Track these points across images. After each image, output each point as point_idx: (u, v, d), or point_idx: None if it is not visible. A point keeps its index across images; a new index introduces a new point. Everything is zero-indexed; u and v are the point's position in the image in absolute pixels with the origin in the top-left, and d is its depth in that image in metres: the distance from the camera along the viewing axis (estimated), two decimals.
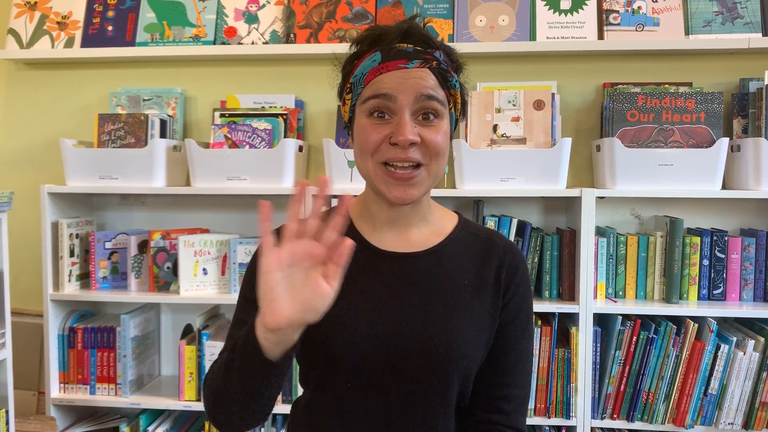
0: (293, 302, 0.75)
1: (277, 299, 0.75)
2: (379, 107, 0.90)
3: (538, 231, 1.89)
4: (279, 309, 0.75)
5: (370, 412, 0.95)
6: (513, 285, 1.01)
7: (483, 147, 1.87)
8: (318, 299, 0.75)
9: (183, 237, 1.93)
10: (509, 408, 0.99)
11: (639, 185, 1.80)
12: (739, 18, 1.93)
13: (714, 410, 1.77)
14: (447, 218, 1.05)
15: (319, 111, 2.14)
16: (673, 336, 1.75)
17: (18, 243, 2.13)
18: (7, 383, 1.70)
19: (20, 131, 2.24)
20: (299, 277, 0.75)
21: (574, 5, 1.98)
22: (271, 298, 0.75)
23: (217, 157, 1.91)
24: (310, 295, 0.75)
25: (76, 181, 1.97)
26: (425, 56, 0.91)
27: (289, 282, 0.75)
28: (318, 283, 0.75)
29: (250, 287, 0.98)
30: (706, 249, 1.83)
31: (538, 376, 1.80)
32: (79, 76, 2.21)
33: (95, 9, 2.14)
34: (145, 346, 2.07)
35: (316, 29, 2.04)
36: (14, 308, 1.90)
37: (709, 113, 1.80)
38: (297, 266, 0.75)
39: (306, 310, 0.75)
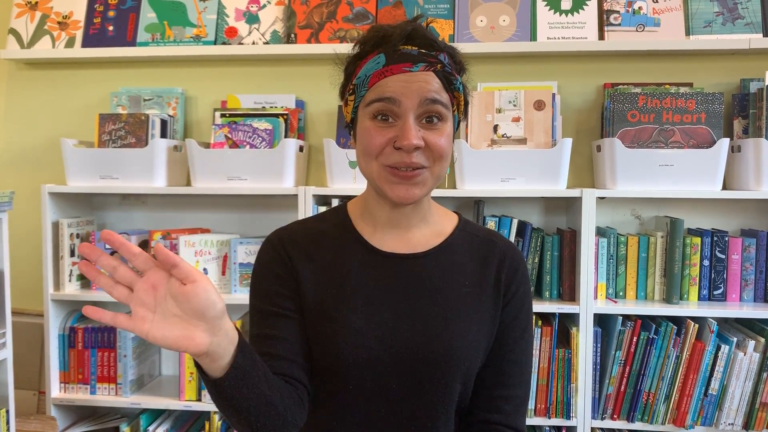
0: (190, 322, 0.73)
1: (179, 336, 0.73)
2: (383, 110, 0.90)
3: (539, 231, 1.89)
4: (189, 339, 0.73)
5: (370, 414, 0.95)
6: (513, 285, 1.01)
7: (483, 147, 1.87)
8: (199, 300, 0.72)
9: (183, 237, 1.93)
10: (509, 408, 0.99)
11: (639, 186, 1.80)
12: (739, 18, 1.93)
13: (714, 411, 1.77)
14: (447, 219, 1.05)
15: (319, 111, 2.14)
16: (673, 336, 1.75)
17: (18, 243, 2.13)
18: (7, 383, 1.70)
19: (21, 131, 2.24)
20: (169, 304, 0.73)
21: (575, 5, 1.98)
22: (174, 341, 0.72)
23: (217, 157, 1.91)
24: (191, 305, 0.72)
25: (77, 181, 1.97)
26: (430, 59, 0.90)
27: (169, 316, 0.73)
28: (183, 292, 0.72)
29: (261, 299, 0.98)
30: (706, 249, 1.83)
31: (538, 376, 1.80)
32: (79, 76, 2.21)
33: (96, 9, 2.14)
34: (146, 345, 2.07)
35: (316, 29, 2.04)
36: (15, 308, 1.90)
37: (709, 114, 1.80)
38: (158, 303, 0.73)
39: (203, 314, 0.73)
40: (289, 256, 0.99)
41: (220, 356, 0.77)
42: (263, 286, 0.99)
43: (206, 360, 0.76)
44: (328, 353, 0.94)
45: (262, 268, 1.01)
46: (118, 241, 0.70)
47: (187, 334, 0.73)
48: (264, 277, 0.99)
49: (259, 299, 0.99)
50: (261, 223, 2.12)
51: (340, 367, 0.94)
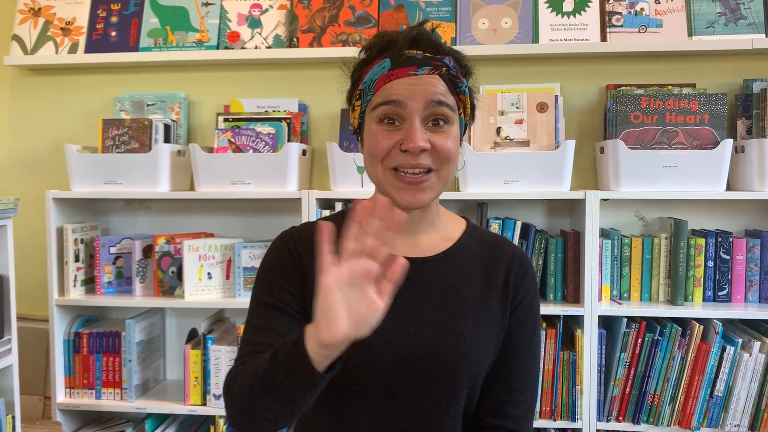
0: (349, 319, 0.74)
1: (336, 317, 0.74)
2: (389, 114, 0.90)
3: (543, 233, 1.89)
4: (337, 326, 0.74)
5: (378, 417, 0.95)
6: (521, 291, 1.01)
7: (486, 150, 1.87)
8: (371, 316, 0.75)
9: (187, 241, 1.93)
10: (516, 413, 0.99)
11: (643, 187, 1.80)
12: (742, 19, 1.93)
13: (720, 412, 1.76)
14: (455, 224, 1.05)
15: (322, 115, 2.14)
16: (678, 338, 1.75)
17: (23, 248, 2.14)
18: (13, 388, 1.71)
19: (25, 137, 2.25)
20: (355, 295, 0.75)
21: (577, 7, 1.98)
22: (331, 316, 0.74)
23: (221, 162, 1.92)
24: (365, 313, 0.74)
25: (81, 187, 1.97)
26: (435, 63, 0.91)
27: (346, 300, 0.75)
28: (373, 300, 0.74)
29: (264, 291, 0.98)
30: (710, 250, 1.83)
31: (543, 378, 1.80)
32: (83, 81, 2.22)
33: (99, 15, 2.15)
34: (150, 350, 2.07)
35: (319, 33, 2.05)
36: (20, 313, 1.90)
37: (712, 114, 1.80)
38: (354, 285, 0.75)
39: (360, 327, 0.75)
40: (298, 254, 0.99)
41: (330, 357, 0.79)
42: (268, 278, 0.99)
43: (322, 351, 0.77)
44: None
45: (270, 261, 1.01)
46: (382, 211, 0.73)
47: (340, 322, 0.74)
48: (271, 270, 1.00)
49: (262, 290, 0.99)
50: (265, 227, 2.13)
51: (347, 370, 0.94)
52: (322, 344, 0.76)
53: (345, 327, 0.74)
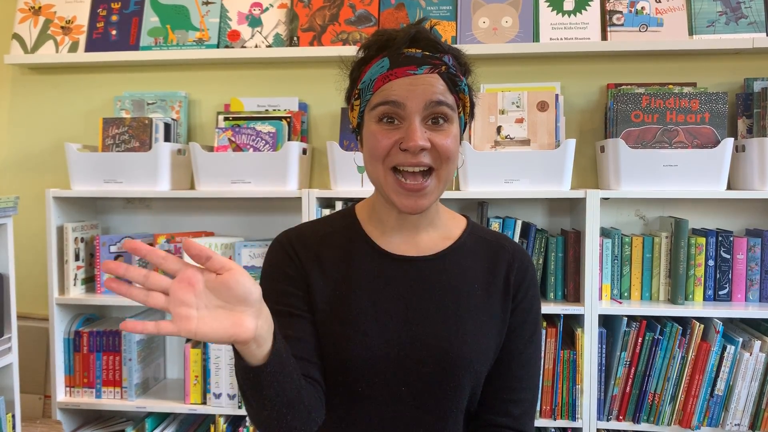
0: (234, 310, 0.74)
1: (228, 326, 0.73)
2: (389, 113, 0.90)
3: (543, 232, 1.89)
4: (238, 326, 0.73)
5: (379, 415, 0.95)
6: (522, 289, 1.01)
7: (487, 149, 1.87)
8: (238, 287, 0.73)
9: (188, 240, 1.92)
10: (517, 411, 0.99)
11: (643, 186, 1.80)
12: (743, 18, 1.93)
13: (720, 411, 1.76)
14: (455, 222, 1.05)
15: (322, 114, 2.14)
16: (678, 337, 1.75)
17: (23, 247, 2.14)
18: (13, 387, 1.70)
19: (25, 136, 2.25)
20: (210, 298, 0.73)
21: (578, 6, 1.98)
22: (224, 332, 0.73)
23: (221, 161, 1.92)
24: (231, 293, 0.73)
25: (81, 185, 1.97)
26: (434, 61, 0.90)
27: (212, 309, 0.73)
28: (221, 281, 0.72)
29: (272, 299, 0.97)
30: (711, 249, 1.83)
31: (543, 377, 1.80)
32: (83, 80, 2.22)
33: (99, 13, 2.15)
34: (151, 349, 2.07)
35: (319, 32, 2.04)
36: (20, 312, 1.90)
37: (713, 113, 1.80)
38: (199, 298, 0.73)
39: (245, 300, 0.73)
40: (298, 257, 0.99)
41: (264, 340, 0.78)
42: (274, 287, 0.99)
43: (252, 346, 0.77)
44: (337, 355, 0.94)
45: (272, 268, 1.01)
46: (144, 249, 0.71)
47: (235, 321, 0.73)
48: (274, 277, 1.00)
49: (271, 300, 0.98)
50: (265, 226, 2.13)
51: (349, 369, 0.94)
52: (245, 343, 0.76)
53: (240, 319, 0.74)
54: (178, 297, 0.72)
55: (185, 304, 0.72)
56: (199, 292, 0.72)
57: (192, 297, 0.72)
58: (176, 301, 0.72)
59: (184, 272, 0.72)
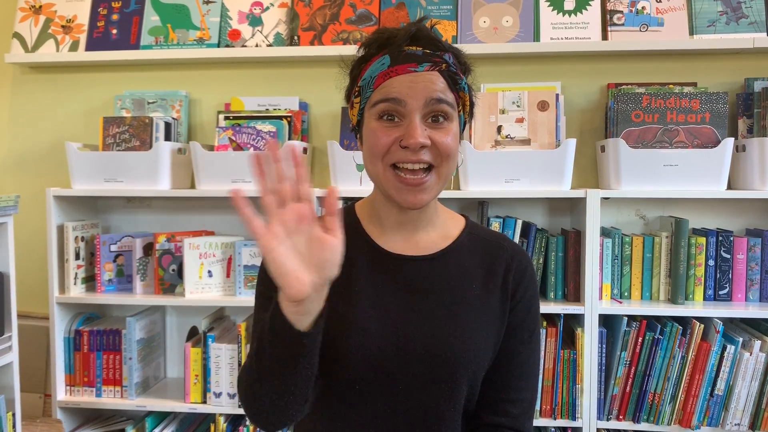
0: (308, 266, 0.75)
1: (292, 270, 0.74)
2: (389, 111, 0.90)
3: (543, 232, 1.89)
4: (297, 278, 0.74)
5: (376, 414, 0.95)
6: (521, 289, 1.01)
7: (487, 148, 1.87)
8: (329, 253, 0.75)
9: (188, 239, 1.93)
10: (516, 411, 0.99)
11: (644, 186, 1.80)
12: (743, 18, 1.93)
13: (720, 411, 1.76)
14: (454, 222, 1.05)
15: (323, 113, 2.14)
16: (678, 337, 1.75)
17: (24, 246, 2.14)
18: (13, 386, 1.71)
19: (25, 135, 2.25)
20: (301, 241, 0.75)
21: (578, 6, 1.98)
22: (285, 272, 0.74)
23: (221, 160, 1.92)
24: (320, 253, 0.75)
25: (82, 184, 1.97)
26: (434, 59, 0.90)
27: (295, 250, 0.75)
28: (323, 238, 0.75)
29: (267, 286, 0.98)
30: (711, 249, 1.83)
31: (543, 377, 1.80)
32: (83, 79, 2.22)
33: (100, 12, 2.15)
34: (151, 348, 2.07)
35: (319, 31, 2.04)
36: (20, 311, 1.90)
37: (713, 113, 1.80)
38: (294, 233, 0.75)
39: (323, 268, 0.75)
40: None
41: (308, 312, 0.78)
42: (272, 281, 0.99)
43: (296, 308, 0.77)
44: (335, 353, 0.94)
45: None
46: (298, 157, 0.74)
47: (300, 273, 0.74)
48: None
49: (266, 285, 0.98)
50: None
51: (347, 367, 0.94)
52: (294, 301, 0.76)
53: (306, 276, 0.74)
54: (284, 218, 0.74)
55: (283, 226, 0.74)
56: (301, 229, 0.75)
57: (293, 226, 0.74)
58: (280, 219, 0.74)
59: (306, 203, 0.74)
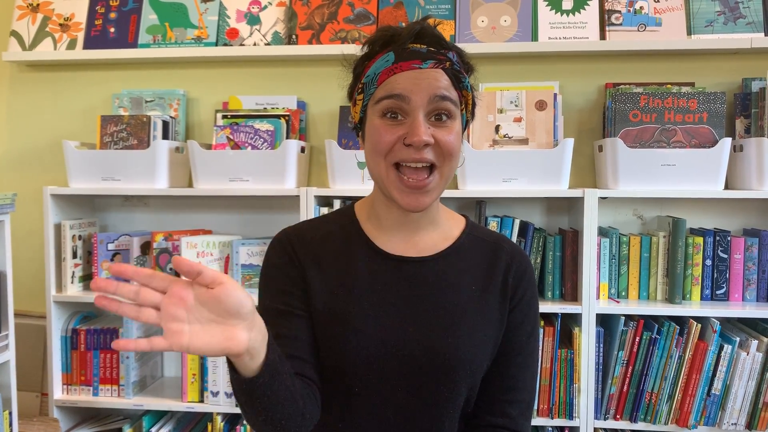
0: (226, 322, 0.73)
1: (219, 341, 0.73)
2: (393, 108, 0.90)
3: (541, 231, 1.89)
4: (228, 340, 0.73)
5: (375, 416, 0.95)
6: (520, 290, 1.01)
7: (485, 147, 1.87)
8: (230, 299, 0.72)
9: (185, 238, 1.93)
10: (514, 412, 0.99)
11: (641, 185, 1.80)
12: (741, 18, 1.93)
13: (717, 410, 1.77)
14: (454, 222, 1.05)
15: (321, 112, 2.14)
16: (676, 336, 1.75)
17: (21, 244, 2.14)
18: (10, 385, 1.70)
19: (23, 133, 2.25)
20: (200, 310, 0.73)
21: (576, 5, 1.98)
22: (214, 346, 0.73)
23: (219, 159, 1.91)
24: (223, 305, 0.72)
25: (79, 183, 1.97)
26: (439, 57, 0.90)
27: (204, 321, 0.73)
28: (212, 295, 0.72)
29: (273, 298, 0.98)
30: (708, 249, 1.83)
31: (541, 376, 1.80)
32: (81, 77, 2.21)
33: (97, 11, 2.14)
34: None
35: (318, 30, 2.04)
36: (17, 310, 1.90)
37: (711, 113, 1.80)
38: (188, 313, 0.72)
39: (237, 313, 0.73)
40: (297, 257, 0.99)
41: (258, 352, 0.78)
42: (273, 286, 0.99)
43: (245, 358, 0.76)
44: (335, 355, 0.94)
45: (271, 267, 1.01)
46: (129, 271, 0.70)
47: (228, 335, 0.73)
48: (273, 277, 1.00)
49: (270, 298, 0.99)
50: (263, 224, 2.12)
51: (346, 369, 0.94)
52: (238, 355, 0.76)
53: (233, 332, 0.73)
54: (169, 312, 0.71)
55: (177, 319, 0.71)
56: (191, 306, 0.72)
57: (183, 312, 0.72)
58: (168, 317, 0.71)
59: (174, 288, 0.72)
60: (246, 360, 0.77)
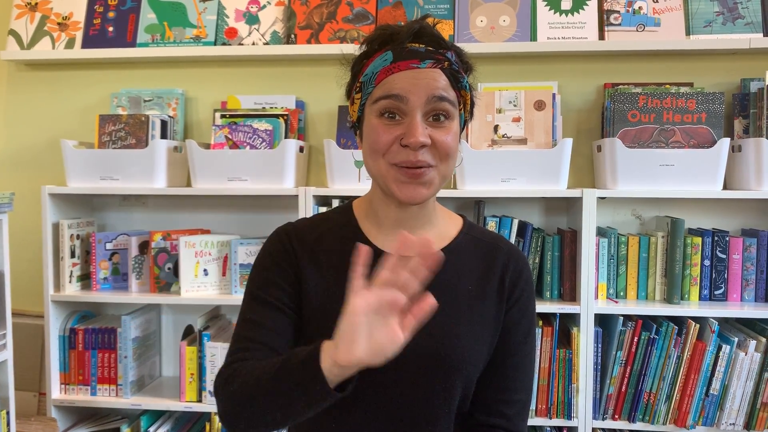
0: (368, 345, 0.74)
1: (356, 340, 0.74)
2: (390, 108, 0.89)
3: (539, 231, 1.89)
4: (354, 349, 0.74)
5: (370, 416, 0.95)
6: (517, 290, 1.00)
7: (484, 147, 1.87)
8: (390, 346, 0.74)
9: (184, 238, 1.92)
10: (510, 412, 0.99)
11: (640, 185, 1.80)
12: (739, 18, 1.93)
13: (715, 411, 1.77)
14: (452, 222, 1.05)
15: (319, 111, 2.14)
16: (674, 336, 1.75)
17: (19, 244, 2.13)
18: (8, 384, 1.70)
19: (21, 132, 2.24)
20: (378, 322, 0.74)
21: (575, 6, 1.98)
22: (351, 339, 0.74)
23: (217, 158, 1.91)
24: (384, 342, 0.74)
25: (77, 182, 1.97)
26: (437, 56, 0.90)
27: (369, 326, 0.74)
28: (395, 331, 0.74)
29: (258, 286, 0.98)
30: (707, 249, 1.83)
31: (539, 376, 1.80)
32: (79, 77, 2.21)
33: (96, 10, 2.14)
34: (146, 347, 2.07)
35: (316, 30, 2.04)
36: (15, 309, 1.90)
37: (710, 113, 1.80)
38: (380, 312, 0.74)
39: (376, 355, 0.74)
40: (294, 252, 0.99)
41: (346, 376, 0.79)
42: (264, 275, 0.99)
43: (343, 371, 0.77)
44: None
45: (265, 256, 1.01)
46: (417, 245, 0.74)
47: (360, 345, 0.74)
48: (266, 266, 1.00)
49: (257, 285, 0.98)
50: (261, 223, 2.12)
51: None
52: (337, 363, 0.76)
53: (362, 352, 0.74)
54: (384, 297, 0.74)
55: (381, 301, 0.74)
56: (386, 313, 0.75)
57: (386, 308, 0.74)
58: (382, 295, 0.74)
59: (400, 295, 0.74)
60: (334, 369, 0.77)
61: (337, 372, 0.77)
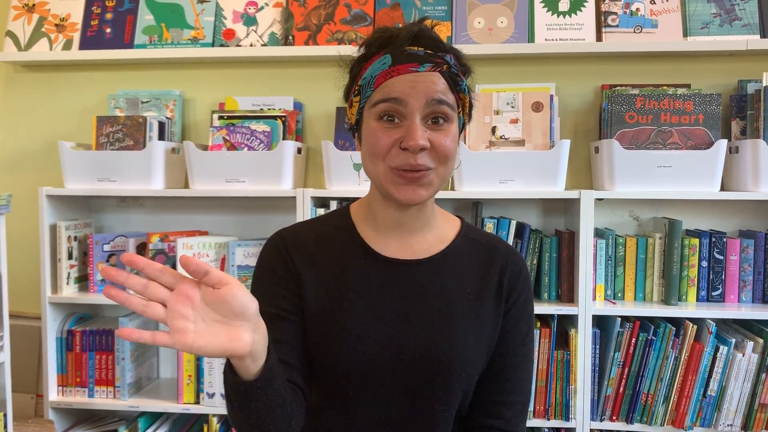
0: (232, 323, 0.74)
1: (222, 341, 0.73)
2: (389, 111, 0.89)
3: (537, 233, 1.89)
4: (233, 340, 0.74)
5: (370, 419, 0.95)
6: (515, 292, 1.01)
7: (482, 149, 1.87)
8: (235, 300, 0.73)
9: (181, 239, 1.92)
10: (509, 414, 0.99)
11: (638, 187, 1.80)
12: (737, 20, 1.93)
13: (713, 412, 1.77)
14: (450, 224, 1.05)
15: (317, 113, 2.14)
16: (672, 337, 1.75)
17: (16, 245, 2.13)
18: (5, 386, 1.70)
19: (18, 134, 2.24)
20: (206, 310, 0.73)
21: (573, 7, 1.98)
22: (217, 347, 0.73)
23: (215, 160, 1.91)
24: (228, 307, 0.73)
25: (75, 184, 1.97)
26: (436, 60, 0.90)
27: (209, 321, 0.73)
28: (218, 295, 0.73)
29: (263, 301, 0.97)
30: (704, 250, 1.83)
31: (537, 377, 1.80)
32: (77, 78, 2.21)
33: (93, 11, 2.14)
34: (144, 348, 2.06)
35: (314, 31, 2.04)
36: (12, 311, 1.90)
37: (707, 115, 1.80)
38: (194, 311, 0.73)
39: (243, 314, 0.74)
40: (291, 258, 0.98)
41: (260, 355, 0.78)
42: (265, 288, 0.99)
43: (248, 361, 0.77)
44: (329, 358, 0.94)
45: (263, 269, 1.00)
46: (141, 262, 0.70)
47: (232, 336, 0.74)
48: (265, 278, 0.99)
49: (260, 300, 0.98)
50: (259, 225, 2.12)
51: (340, 372, 0.94)
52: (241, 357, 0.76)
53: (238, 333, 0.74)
54: (176, 309, 0.72)
55: (183, 317, 0.72)
56: (197, 305, 0.73)
57: (189, 310, 0.72)
58: (174, 314, 0.72)
59: (181, 286, 0.72)
60: (248, 362, 0.77)
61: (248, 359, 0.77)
